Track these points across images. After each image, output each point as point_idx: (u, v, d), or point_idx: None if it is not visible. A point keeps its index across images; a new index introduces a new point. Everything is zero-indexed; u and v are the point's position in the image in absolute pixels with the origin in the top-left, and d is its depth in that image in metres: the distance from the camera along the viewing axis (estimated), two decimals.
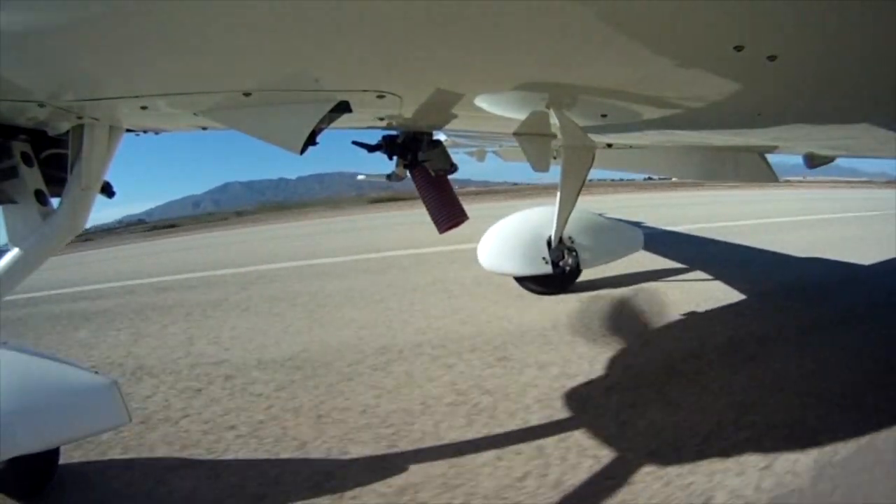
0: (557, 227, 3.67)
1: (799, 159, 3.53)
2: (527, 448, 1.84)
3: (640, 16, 0.92)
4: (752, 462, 1.68)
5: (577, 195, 3.55)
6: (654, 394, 2.21)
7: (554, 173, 3.48)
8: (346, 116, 1.42)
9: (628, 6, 0.89)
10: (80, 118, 1.52)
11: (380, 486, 1.66)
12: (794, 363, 2.47)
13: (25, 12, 0.87)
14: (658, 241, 6.27)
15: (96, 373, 1.57)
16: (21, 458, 1.51)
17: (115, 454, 1.94)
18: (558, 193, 3.55)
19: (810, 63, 1.16)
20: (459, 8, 0.90)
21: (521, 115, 2.01)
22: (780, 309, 3.41)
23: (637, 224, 6.69)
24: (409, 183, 2.82)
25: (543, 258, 3.79)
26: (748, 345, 2.75)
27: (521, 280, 4.06)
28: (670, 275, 4.57)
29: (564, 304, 3.71)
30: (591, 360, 2.61)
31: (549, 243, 3.77)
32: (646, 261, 4.94)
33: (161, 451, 1.96)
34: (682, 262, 5.01)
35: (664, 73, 1.26)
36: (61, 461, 1.78)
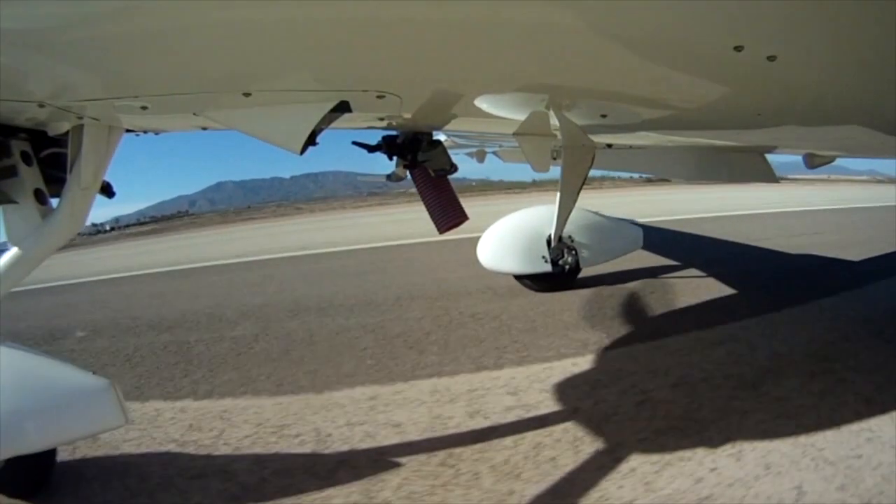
0: (557, 225, 3.68)
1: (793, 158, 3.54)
2: None
3: (640, 16, 0.92)
4: None
5: (577, 194, 3.55)
6: None
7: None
8: (346, 116, 1.41)
9: (628, 7, 0.89)
10: (80, 118, 1.52)
11: None
12: None
13: (25, 12, 0.87)
14: None
15: (94, 374, 1.57)
16: (18, 458, 1.51)
17: None
18: (558, 193, 3.55)
19: (810, 63, 1.16)
20: (459, 8, 0.90)
21: (521, 116, 2.00)
22: None
23: None
24: None
25: (543, 257, 3.79)
26: None
27: (521, 278, 4.07)
28: None
29: None
30: None
31: (548, 242, 3.78)
32: None
33: None
34: None
35: (664, 74, 1.26)
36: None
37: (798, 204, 10.29)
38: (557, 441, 1.86)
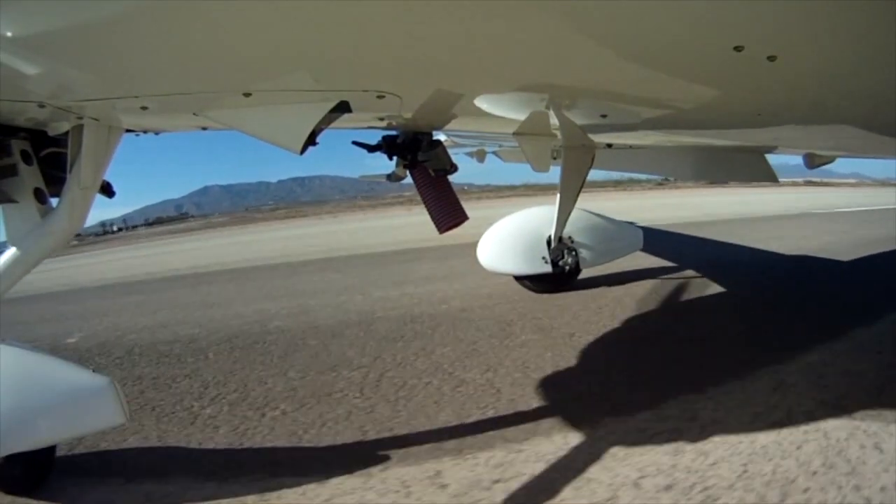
0: (557, 226, 3.68)
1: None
2: None
3: (640, 16, 0.92)
4: None
5: (577, 195, 3.56)
6: None
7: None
8: (346, 116, 1.41)
9: (628, 7, 0.89)
10: (80, 118, 1.52)
11: None
12: None
13: (25, 13, 0.87)
14: None
15: (94, 372, 1.57)
16: (18, 454, 1.51)
17: None
18: (558, 193, 3.55)
19: (810, 63, 1.16)
20: (459, 8, 0.90)
21: (521, 116, 2.00)
22: None
23: None
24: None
25: (543, 258, 3.79)
26: None
27: (521, 279, 4.07)
28: None
29: None
30: None
31: (548, 243, 3.78)
32: None
33: None
34: None
35: (664, 74, 1.26)
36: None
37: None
38: None
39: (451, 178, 2.60)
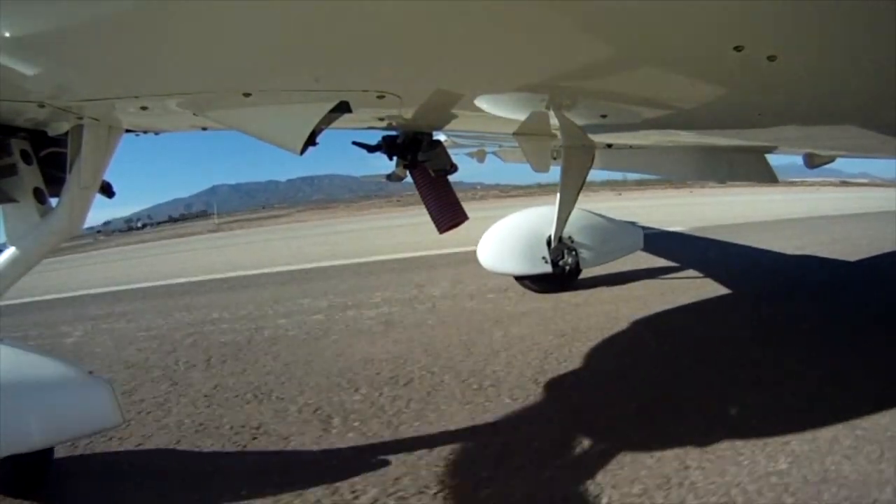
0: (557, 226, 3.68)
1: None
2: None
3: (640, 16, 0.92)
4: None
5: (577, 195, 3.56)
6: None
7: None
8: (346, 116, 1.41)
9: (628, 7, 0.89)
10: (80, 118, 1.52)
11: None
12: None
13: (25, 13, 0.87)
14: None
15: (91, 373, 1.57)
16: (14, 456, 1.51)
17: None
18: (558, 193, 3.56)
19: (810, 63, 1.16)
20: (459, 8, 0.90)
21: (521, 116, 2.00)
22: None
23: None
24: None
25: (543, 258, 3.79)
26: None
27: (521, 279, 4.07)
28: None
29: None
30: None
31: (548, 243, 3.78)
32: None
33: None
34: None
35: (664, 74, 1.26)
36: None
37: None
38: None
39: (460, 177, 2.59)
